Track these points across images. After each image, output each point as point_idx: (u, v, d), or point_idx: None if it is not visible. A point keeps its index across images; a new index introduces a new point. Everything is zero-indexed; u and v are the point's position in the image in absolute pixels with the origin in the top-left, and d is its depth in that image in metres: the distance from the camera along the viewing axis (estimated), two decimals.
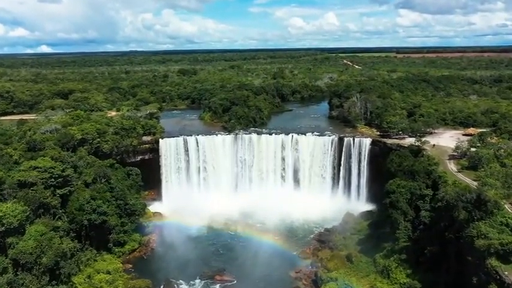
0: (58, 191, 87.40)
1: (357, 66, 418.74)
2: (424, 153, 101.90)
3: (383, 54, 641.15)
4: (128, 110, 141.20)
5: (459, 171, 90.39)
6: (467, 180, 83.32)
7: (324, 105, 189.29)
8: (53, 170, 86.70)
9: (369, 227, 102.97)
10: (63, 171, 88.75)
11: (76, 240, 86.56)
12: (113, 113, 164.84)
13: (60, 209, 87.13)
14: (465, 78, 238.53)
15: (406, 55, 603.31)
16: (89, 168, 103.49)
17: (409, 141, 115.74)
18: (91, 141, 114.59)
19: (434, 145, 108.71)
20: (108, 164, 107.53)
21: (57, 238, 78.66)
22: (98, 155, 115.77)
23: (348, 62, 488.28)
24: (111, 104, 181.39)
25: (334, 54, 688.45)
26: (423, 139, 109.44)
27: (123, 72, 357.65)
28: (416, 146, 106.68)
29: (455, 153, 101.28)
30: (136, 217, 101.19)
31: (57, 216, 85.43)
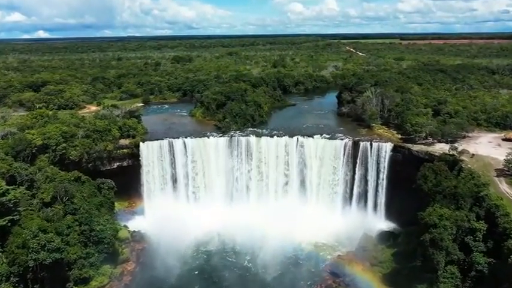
0: None
1: (360, 54, 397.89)
2: (463, 166, 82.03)
3: (387, 41, 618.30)
4: (103, 108, 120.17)
5: None
6: None
7: (331, 98, 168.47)
8: None
9: (393, 257, 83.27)
10: (3, 195, 68.38)
11: (21, 286, 66.78)
12: (93, 108, 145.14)
13: None
14: (481, 68, 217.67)
15: (411, 42, 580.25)
16: (48, 183, 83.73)
17: (440, 147, 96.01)
18: (54, 147, 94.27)
19: (473, 155, 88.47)
20: (73, 178, 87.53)
21: None
22: (64, 164, 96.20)
23: (351, 49, 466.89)
24: (91, 97, 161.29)
25: (336, 41, 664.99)
26: (459, 147, 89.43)
27: (114, 59, 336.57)
28: (451, 155, 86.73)
29: (505, 168, 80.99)
30: (106, 246, 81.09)
31: None
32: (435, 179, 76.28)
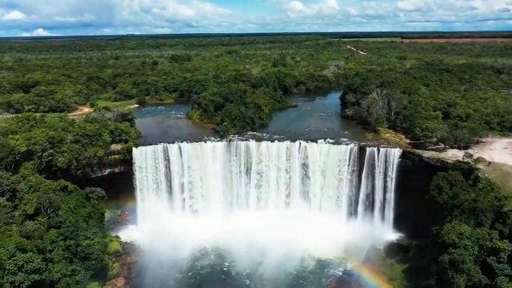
0: None
1: (361, 52, 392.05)
2: (480, 175, 75.81)
3: (388, 39, 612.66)
4: (94, 110, 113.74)
5: None
6: None
7: (333, 99, 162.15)
8: None
9: (404, 274, 77.16)
10: None
11: None
12: (86, 110, 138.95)
13: None
14: (487, 67, 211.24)
15: (413, 40, 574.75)
16: (32, 193, 77.50)
17: (452, 154, 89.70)
18: (40, 153, 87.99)
19: (489, 163, 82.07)
20: (59, 187, 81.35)
21: None
22: (51, 171, 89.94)
23: (352, 48, 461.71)
24: (84, 98, 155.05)
25: (336, 39, 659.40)
26: (475, 154, 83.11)
27: (112, 58, 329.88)
28: (465, 163, 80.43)
29: None
30: (93, 262, 74.91)
31: None
32: (451, 191, 70.18)
